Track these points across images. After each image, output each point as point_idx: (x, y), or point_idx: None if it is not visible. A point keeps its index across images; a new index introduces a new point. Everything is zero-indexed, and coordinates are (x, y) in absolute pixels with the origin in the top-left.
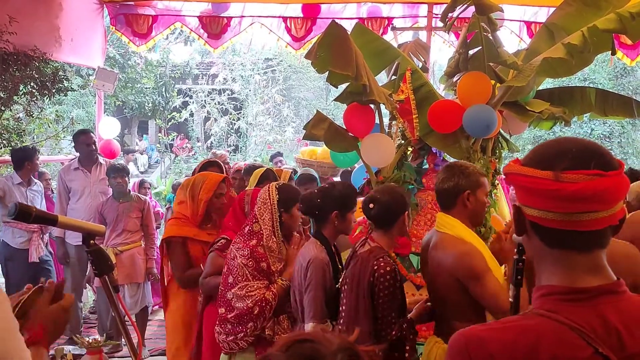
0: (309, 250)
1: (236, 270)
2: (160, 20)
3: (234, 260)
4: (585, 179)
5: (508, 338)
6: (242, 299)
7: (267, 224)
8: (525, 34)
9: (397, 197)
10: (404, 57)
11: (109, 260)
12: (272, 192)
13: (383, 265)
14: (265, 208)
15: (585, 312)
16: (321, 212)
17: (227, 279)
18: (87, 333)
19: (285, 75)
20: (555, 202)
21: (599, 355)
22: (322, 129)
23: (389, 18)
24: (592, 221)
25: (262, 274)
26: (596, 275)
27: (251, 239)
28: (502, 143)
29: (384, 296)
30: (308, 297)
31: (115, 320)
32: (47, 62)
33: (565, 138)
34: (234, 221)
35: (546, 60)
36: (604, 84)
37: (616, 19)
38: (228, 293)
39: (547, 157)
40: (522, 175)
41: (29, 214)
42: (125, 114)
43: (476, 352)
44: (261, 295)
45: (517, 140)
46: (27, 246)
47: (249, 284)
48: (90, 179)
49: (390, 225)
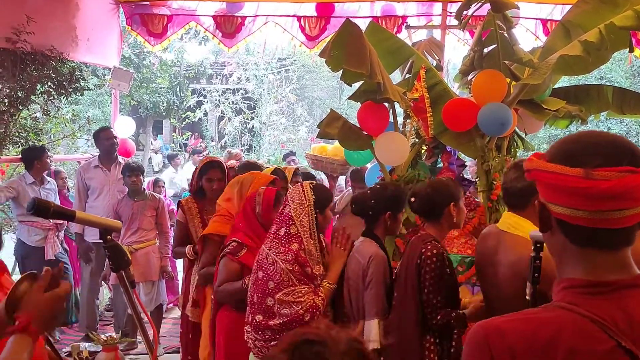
0: (366, 247)
1: (279, 275)
2: (175, 20)
3: (274, 266)
4: (617, 176)
5: (528, 330)
6: (290, 305)
7: (305, 226)
8: (541, 31)
9: (439, 188)
10: (418, 55)
11: (126, 255)
12: (308, 193)
13: (430, 248)
14: (302, 209)
15: (607, 305)
16: (374, 213)
17: (264, 284)
18: (103, 330)
19: (299, 75)
20: (585, 200)
21: (621, 349)
22: (336, 128)
23: (403, 17)
24: (622, 219)
25: (307, 278)
26: (620, 271)
27: (291, 243)
28: (517, 142)
29: (430, 278)
30: (370, 294)
31: (131, 317)
32: (64, 62)
33: (590, 132)
34: (245, 222)
35: (562, 58)
36: (621, 83)
37: (634, 16)
38: (268, 299)
39: (575, 154)
40: (549, 172)
41: (47, 209)
42: (140, 113)
43: (495, 343)
44: (311, 301)
45: (533, 139)
46: (43, 244)
47: (295, 290)
48: (109, 178)
49: (436, 216)
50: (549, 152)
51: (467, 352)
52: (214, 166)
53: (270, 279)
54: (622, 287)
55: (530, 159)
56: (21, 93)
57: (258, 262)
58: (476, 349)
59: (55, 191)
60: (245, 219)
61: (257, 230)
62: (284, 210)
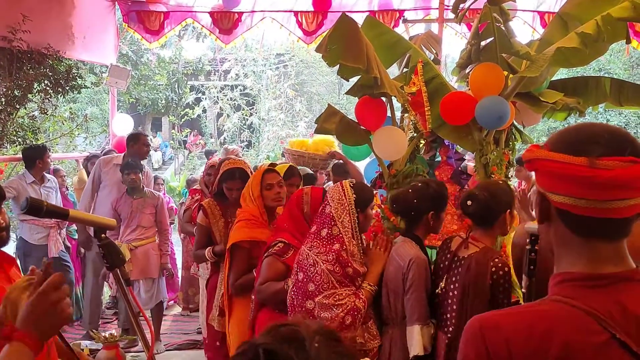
0: (406, 249)
1: (319, 277)
2: (172, 16)
3: (314, 267)
4: (621, 165)
5: (523, 323)
6: (330, 308)
7: (347, 226)
8: (538, 24)
9: (498, 193)
10: (415, 49)
11: (120, 253)
12: (349, 192)
13: (501, 266)
14: (343, 209)
15: (602, 298)
16: (416, 213)
17: (304, 286)
18: (104, 328)
19: (297, 70)
20: (589, 189)
21: (615, 340)
22: (333, 123)
23: (400, 10)
24: (625, 208)
25: (348, 279)
26: (618, 264)
27: (333, 243)
28: (515, 135)
29: (504, 297)
30: (412, 298)
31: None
32: (61, 60)
33: (592, 123)
34: (291, 222)
35: (559, 50)
36: (620, 74)
37: (630, 7)
38: (307, 302)
39: (578, 143)
40: (552, 160)
41: (40, 208)
42: (138, 110)
43: (491, 336)
44: (352, 303)
45: (531, 132)
46: (45, 242)
47: (336, 292)
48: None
49: (490, 224)
50: (550, 142)
51: (464, 345)
52: (234, 177)
53: (311, 280)
54: (617, 280)
55: (530, 149)
56: (18, 92)
57: (298, 262)
58: (472, 341)
59: (57, 189)
60: (291, 219)
61: (304, 230)
62: (324, 211)
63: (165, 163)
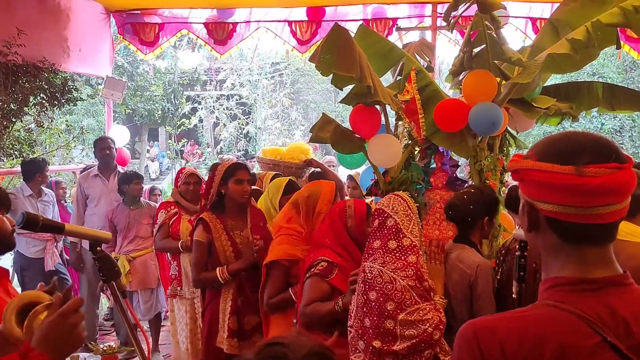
0: (469, 256)
1: (400, 294)
2: (167, 27)
3: (392, 284)
4: (606, 172)
5: (517, 327)
6: (416, 325)
7: (417, 237)
8: (530, 30)
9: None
10: (408, 57)
11: (116, 266)
12: (411, 203)
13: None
14: (409, 220)
15: (593, 302)
16: (472, 218)
17: (382, 306)
18: (102, 340)
19: (293, 79)
20: (577, 196)
21: (606, 343)
22: (328, 132)
23: (393, 19)
24: (610, 214)
25: (427, 293)
26: (605, 268)
27: (407, 255)
28: (509, 140)
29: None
30: (484, 304)
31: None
32: (56, 73)
33: (573, 132)
34: (333, 237)
35: (551, 56)
36: (614, 78)
37: (620, 12)
38: (387, 322)
39: (564, 152)
40: (539, 170)
41: (36, 223)
42: (135, 121)
43: (485, 340)
44: (438, 318)
45: (527, 137)
46: (42, 255)
47: (419, 308)
48: (107, 187)
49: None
50: (536, 152)
51: (457, 349)
52: (242, 167)
53: (390, 299)
54: (606, 284)
55: (514, 159)
56: (14, 105)
57: (367, 281)
58: (466, 345)
59: (54, 203)
60: (333, 234)
61: (348, 246)
62: (385, 224)
63: (163, 173)
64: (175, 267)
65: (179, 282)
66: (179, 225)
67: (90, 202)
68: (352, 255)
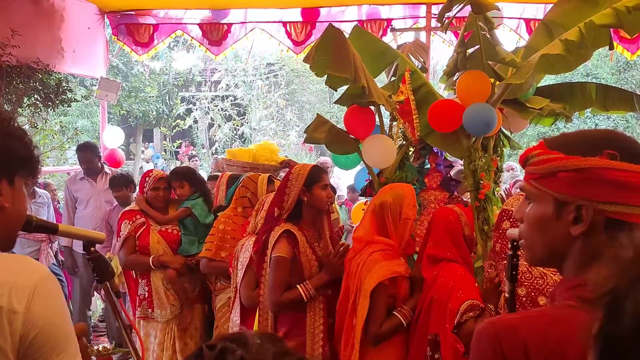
0: None
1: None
2: (162, 28)
3: (543, 279)
4: None
5: (539, 326)
6: None
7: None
8: (524, 31)
9: None
10: (402, 58)
11: (110, 266)
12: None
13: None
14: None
15: None
16: None
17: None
18: (96, 341)
19: (288, 80)
20: None
21: None
22: (323, 132)
23: (388, 19)
24: None
25: None
26: None
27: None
28: (503, 141)
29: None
30: None
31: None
32: (51, 74)
33: (616, 131)
34: (456, 250)
35: (544, 57)
36: (607, 79)
37: (613, 13)
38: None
39: (635, 151)
40: (616, 169)
41: (29, 224)
42: (129, 122)
43: (507, 338)
44: None
45: (522, 138)
46: (37, 255)
47: None
48: (96, 189)
49: None
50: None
51: (476, 349)
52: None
53: (541, 294)
54: None
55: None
56: (8, 106)
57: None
58: (487, 344)
59: (49, 204)
60: (454, 245)
61: (467, 257)
62: (500, 225)
63: None
64: (145, 287)
65: (149, 304)
66: (148, 238)
67: (79, 205)
68: (469, 265)
